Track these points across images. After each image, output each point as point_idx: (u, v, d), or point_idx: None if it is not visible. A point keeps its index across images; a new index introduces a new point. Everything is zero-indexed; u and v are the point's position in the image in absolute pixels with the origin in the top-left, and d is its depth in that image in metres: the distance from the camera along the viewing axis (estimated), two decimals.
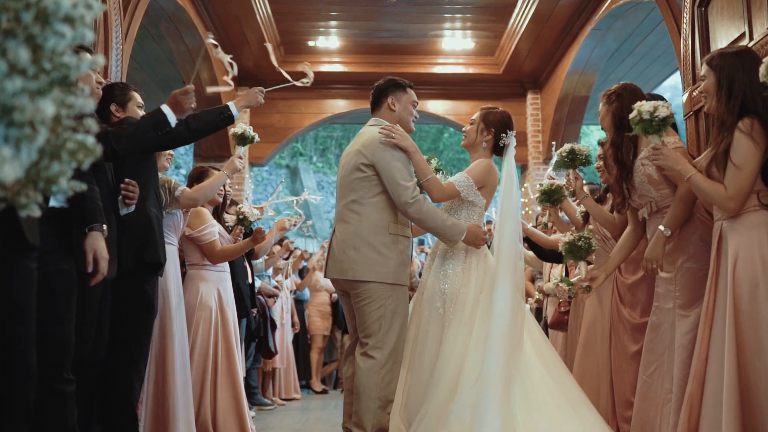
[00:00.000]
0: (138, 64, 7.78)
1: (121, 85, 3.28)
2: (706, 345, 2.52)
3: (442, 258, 3.16)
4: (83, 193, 2.25)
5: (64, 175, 1.14)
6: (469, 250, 3.15)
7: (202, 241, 4.01)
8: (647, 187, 2.91)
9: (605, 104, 3.10)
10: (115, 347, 2.94)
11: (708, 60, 2.64)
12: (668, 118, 2.60)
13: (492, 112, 3.32)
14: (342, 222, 3.12)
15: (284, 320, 6.88)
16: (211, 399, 3.99)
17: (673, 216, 2.78)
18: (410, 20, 7.32)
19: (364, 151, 3.08)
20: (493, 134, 3.28)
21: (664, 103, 2.62)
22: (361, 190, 3.08)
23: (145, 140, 2.81)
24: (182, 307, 3.64)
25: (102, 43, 3.70)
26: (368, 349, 2.99)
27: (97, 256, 2.32)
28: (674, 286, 2.81)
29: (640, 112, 2.61)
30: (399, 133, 3.08)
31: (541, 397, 2.80)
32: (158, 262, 3.08)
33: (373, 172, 3.06)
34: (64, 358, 2.27)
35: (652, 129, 2.60)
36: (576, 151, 3.53)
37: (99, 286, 2.65)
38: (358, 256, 3.01)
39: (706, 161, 2.60)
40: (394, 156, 3.04)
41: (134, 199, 2.85)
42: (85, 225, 2.32)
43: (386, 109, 3.23)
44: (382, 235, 3.04)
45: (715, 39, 3.53)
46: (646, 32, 6.75)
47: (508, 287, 2.96)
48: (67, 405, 2.29)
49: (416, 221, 3.11)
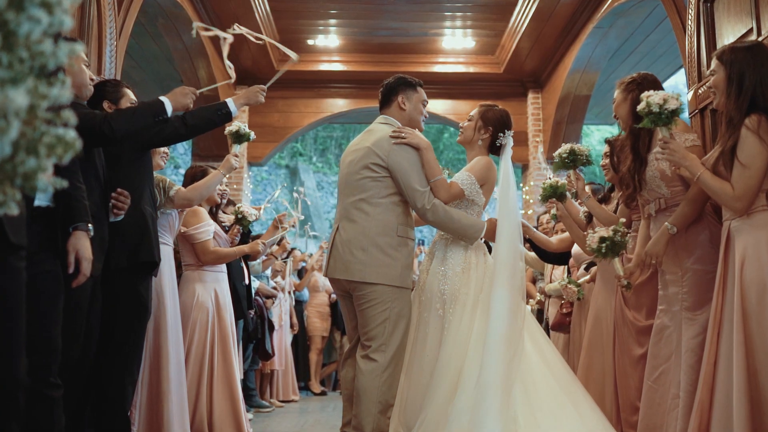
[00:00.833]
0: (135, 62, 7.74)
1: (114, 81, 3.24)
2: (714, 349, 2.46)
3: (441, 258, 3.09)
4: (68, 191, 2.20)
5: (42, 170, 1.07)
6: (469, 249, 3.09)
7: (196, 239, 3.95)
8: (658, 183, 2.84)
9: (623, 92, 3.02)
10: (108, 350, 2.88)
11: (718, 54, 2.58)
12: (678, 110, 2.54)
13: (491, 110, 3.27)
14: (348, 220, 3.05)
15: (283, 321, 6.83)
16: (207, 402, 3.93)
17: (682, 214, 2.71)
18: (410, 19, 7.28)
19: (377, 150, 3.04)
20: (490, 133, 3.23)
21: (674, 95, 2.56)
22: (371, 189, 3.03)
23: (142, 124, 2.78)
24: (177, 309, 3.59)
25: (96, 38, 3.64)
26: (370, 351, 2.94)
27: (79, 257, 2.26)
28: (681, 288, 2.75)
29: (648, 103, 2.55)
30: (409, 131, 3.07)
31: (543, 398, 2.76)
32: (153, 262, 3.03)
33: (386, 173, 3.03)
34: (50, 361, 2.20)
35: (661, 121, 2.54)
36: (576, 151, 3.47)
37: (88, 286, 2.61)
38: (366, 257, 2.95)
39: (713, 159, 2.54)
40: (410, 160, 3.03)
41: (123, 209, 2.81)
42: (69, 224, 2.25)
43: (396, 107, 3.20)
44: (390, 236, 2.99)
45: (721, 35, 3.46)
46: (649, 30, 6.71)
47: (505, 290, 2.91)
48: (54, 411, 2.23)
49: (435, 225, 3.09)
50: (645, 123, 2.59)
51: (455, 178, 3.17)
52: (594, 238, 3.00)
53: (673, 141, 2.57)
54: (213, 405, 3.93)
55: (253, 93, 3.24)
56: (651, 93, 2.57)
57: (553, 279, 4.75)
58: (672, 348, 2.76)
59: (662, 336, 2.80)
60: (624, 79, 3.06)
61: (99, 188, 2.77)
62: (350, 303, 3.10)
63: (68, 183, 2.17)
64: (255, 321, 5.53)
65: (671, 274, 2.79)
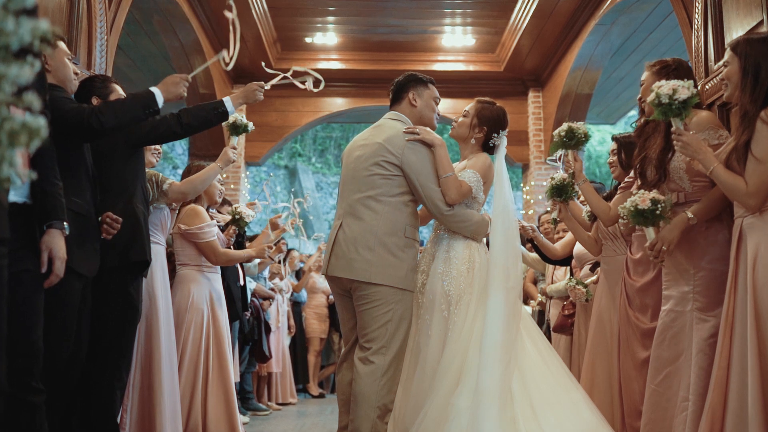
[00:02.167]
0: (131, 60, 7.67)
1: (102, 77, 3.17)
2: (727, 351, 2.38)
3: (443, 259, 3.00)
4: (43, 187, 2.11)
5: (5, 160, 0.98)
6: (472, 248, 3.01)
7: (202, 238, 3.87)
8: (681, 175, 2.72)
9: (654, 75, 2.88)
10: (97, 353, 2.80)
11: (732, 45, 2.49)
12: (690, 100, 2.45)
13: (487, 108, 3.19)
14: (354, 217, 2.95)
15: (280, 323, 6.76)
16: (202, 405, 3.85)
17: (705, 207, 2.61)
18: (409, 16, 7.23)
19: (390, 147, 2.96)
20: (484, 132, 3.16)
21: (685, 84, 2.47)
22: (381, 187, 2.95)
23: (131, 116, 2.70)
24: (170, 310, 3.50)
25: (85, 33, 3.54)
26: (369, 354, 2.86)
27: (52, 255, 2.16)
28: (693, 288, 2.64)
29: (658, 95, 2.47)
30: (421, 128, 3.02)
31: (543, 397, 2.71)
32: (144, 261, 2.97)
33: (398, 172, 2.96)
34: (31, 365, 2.12)
35: (672, 113, 2.46)
36: (574, 129, 3.36)
37: (78, 287, 2.56)
38: (373, 256, 2.87)
39: (725, 153, 2.45)
40: (424, 160, 2.97)
41: (112, 234, 2.75)
42: (44, 222, 2.16)
43: (407, 104, 3.14)
44: (398, 237, 2.92)
45: (729, 29, 3.38)
46: (652, 27, 6.66)
47: (500, 297, 2.84)
48: (35, 418, 2.14)
49: (451, 225, 3.02)
50: (656, 115, 2.50)
51: (462, 176, 3.09)
52: (634, 202, 2.69)
53: (686, 133, 2.48)
54: (207, 409, 3.85)
55: (251, 91, 3.17)
56: (662, 83, 2.47)
57: (554, 280, 4.68)
58: (679, 349, 2.66)
59: (666, 337, 2.70)
60: (658, 61, 2.92)
61: (90, 187, 2.71)
62: (349, 303, 3.01)
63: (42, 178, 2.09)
64: (251, 322, 5.46)
65: (682, 272, 2.69)
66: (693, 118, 2.65)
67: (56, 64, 2.69)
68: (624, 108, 9.50)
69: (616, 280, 3.30)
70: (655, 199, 2.66)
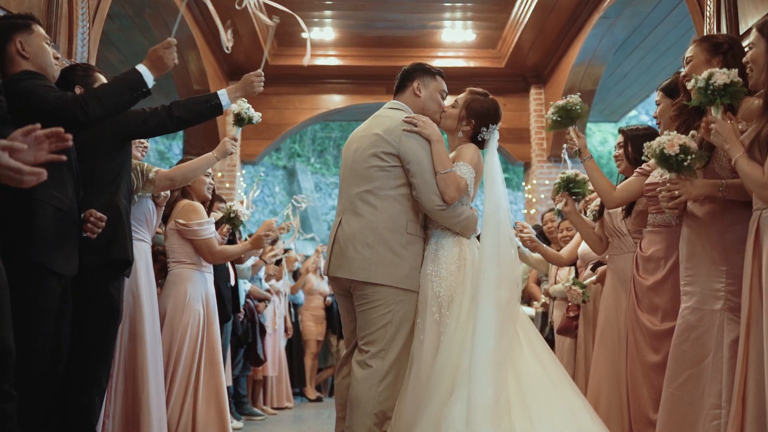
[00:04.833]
0: (124, 57, 7.58)
1: (84, 65, 3.07)
2: (745, 355, 2.24)
3: (431, 258, 2.86)
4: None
5: None
6: (463, 245, 2.86)
7: (200, 235, 3.72)
8: (724, 163, 2.52)
9: (705, 52, 2.68)
10: (75, 357, 2.67)
11: (759, 26, 2.34)
12: (728, 86, 2.29)
13: (477, 100, 3.01)
14: (353, 214, 2.82)
15: (277, 326, 6.65)
16: (191, 410, 3.69)
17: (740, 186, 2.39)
18: (408, 10, 7.15)
19: (387, 137, 2.81)
20: (472, 126, 2.99)
21: (724, 70, 2.31)
22: (379, 180, 2.81)
23: (118, 102, 2.57)
24: (156, 311, 3.36)
25: (66, 18, 3.39)
26: (367, 357, 2.73)
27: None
28: (725, 285, 2.47)
29: (696, 78, 2.33)
30: (422, 120, 2.85)
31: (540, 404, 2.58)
32: (126, 260, 2.84)
33: (396, 162, 2.81)
34: (2, 369, 1.98)
35: (706, 99, 2.31)
36: (568, 105, 3.19)
37: (56, 287, 2.46)
38: (372, 254, 2.73)
39: (748, 141, 2.30)
40: (423, 150, 2.81)
41: (96, 233, 2.64)
42: None
43: (411, 93, 2.98)
44: (400, 234, 2.78)
45: (745, 15, 3.25)
46: (658, 21, 6.58)
47: (491, 309, 2.67)
48: (5, 425, 2.01)
49: (443, 221, 2.85)
50: (694, 102, 2.37)
51: (458, 172, 2.92)
52: (661, 144, 2.43)
53: (718, 121, 2.33)
54: (197, 413, 3.70)
55: (249, 82, 3.03)
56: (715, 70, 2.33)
57: (558, 280, 4.56)
58: (704, 351, 2.48)
59: (689, 337, 2.52)
60: (708, 36, 2.75)
61: (73, 182, 2.60)
62: (350, 304, 2.88)
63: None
64: (245, 325, 5.32)
65: (711, 268, 2.52)
66: (743, 106, 2.48)
67: (33, 50, 2.56)
68: (627, 106, 9.39)
69: (623, 278, 3.17)
70: (686, 146, 2.40)
